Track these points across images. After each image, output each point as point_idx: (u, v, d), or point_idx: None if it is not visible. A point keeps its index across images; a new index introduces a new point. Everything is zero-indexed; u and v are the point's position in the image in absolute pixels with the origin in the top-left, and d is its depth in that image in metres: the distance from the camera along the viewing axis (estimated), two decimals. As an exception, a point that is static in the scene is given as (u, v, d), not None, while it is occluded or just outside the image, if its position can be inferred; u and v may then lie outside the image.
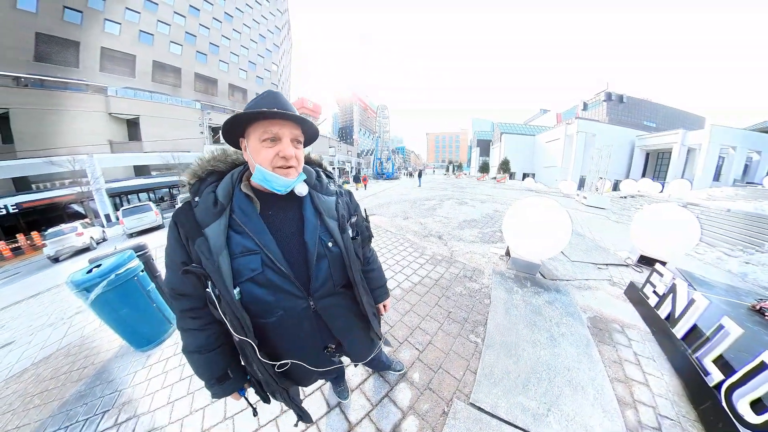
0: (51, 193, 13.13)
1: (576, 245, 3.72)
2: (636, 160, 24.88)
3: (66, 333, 2.83)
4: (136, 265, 2.08)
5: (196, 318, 0.68)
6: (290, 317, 0.68)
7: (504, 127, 38.04)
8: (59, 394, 1.86)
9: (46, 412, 1.72)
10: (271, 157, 0.61)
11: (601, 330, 1.88)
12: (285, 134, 0.62)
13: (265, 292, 0.63)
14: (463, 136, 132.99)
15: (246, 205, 0.65)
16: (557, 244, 2.52)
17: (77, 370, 2.12)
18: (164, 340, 2.17)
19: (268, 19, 33.88)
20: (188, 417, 1.41)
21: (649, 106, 55.56)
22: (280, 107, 0.60)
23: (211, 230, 0.60)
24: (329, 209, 0.74)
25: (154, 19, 21.01)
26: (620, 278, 2.77)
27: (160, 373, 1.80)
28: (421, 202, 8.14)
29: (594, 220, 5.95)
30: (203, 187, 0.66)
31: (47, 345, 2.70)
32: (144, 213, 9.67)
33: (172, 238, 0.65)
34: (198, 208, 0.62)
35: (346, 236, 0.76)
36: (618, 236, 4.53)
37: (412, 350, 1.68)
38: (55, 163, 12.17)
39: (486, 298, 2.25)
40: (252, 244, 0.62)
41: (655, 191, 11.71)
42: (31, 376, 2.23)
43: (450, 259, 3.17)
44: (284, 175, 0.63)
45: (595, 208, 8.06)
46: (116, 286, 1.88)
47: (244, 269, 0.61)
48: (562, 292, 2.32)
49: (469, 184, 17.99)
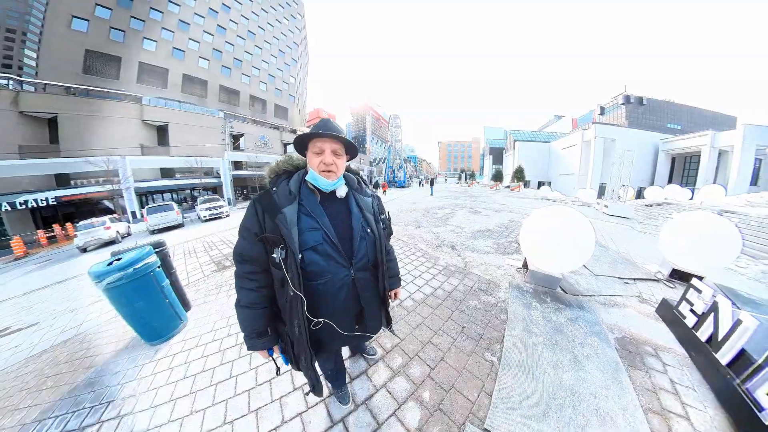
0: (86, 189, 14.57)
1: (599, 258, 3.51)
2: (661, 165, 23.48)
3: (84, 320, 3.01)
4: (154, 260, 2.17)
5: (253, 280, 0.89)
6: (335, 282, 0.88)
7: (517, 135, 37.45)
8: (70, 379, 1.95)
9: (57, 395, 1.79)
10: (317, 164, 0.87)
11: (631, 353, 1.72)
12: (327, 148, 0.86)
13: (320, 259, 0.85)
14: (475, 145, 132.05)
15: (310, 196, 0.90)
16: (579, 257, 2.37)
17: (90, 357, 2.22)
18: (173, 335, 2.23)
19: (287, 35, 36.60)
20: (188, 417, 1.41)
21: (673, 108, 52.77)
22: (326, 130, 0.84)
23: (287, 210, 0.82)
24: (368, 206, 1.01)
25: (185, 37, 23.96)
26: (650, 294, 2.56)
27: (165, 369, 1.85)
28: (433, 210, 8.06)
29: (617, 231, 5.61)
30: (280, 180, 0.92)
31: (66, 330, 2.87)
32: (166, 212, 10.39)
33: (251, 214, 0.87)
34: (276, 194, 0.87)
35: (379, 226, 1.03)
36: (645, 248, 4.24)
37: (423, 366, 1.61)
38: (92, 162, 13.51)
39: (502, 313, 2.14)
40: (315, 223, 0.86)
41: (685, 198, 10.95)
42: (48, 358, 2.37)
43: (464, 271, 3.07)
44: (326, 177, 0.88)
45: (618, 217, 7.62)
46: (133, 279, 1.97)
47: (309, 240, 0.84)
48: (585, 309, 2.17)
49: (482, 193, 17.68)
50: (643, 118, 49.36)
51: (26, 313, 3.73)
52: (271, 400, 1.44)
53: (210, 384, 1.62)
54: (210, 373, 1.72)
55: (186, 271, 4.11)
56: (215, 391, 1.56)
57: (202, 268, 4.21)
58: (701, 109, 55.18)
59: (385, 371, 1.59)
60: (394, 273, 1.22)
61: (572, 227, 2.38)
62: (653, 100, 50.04)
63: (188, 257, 4.97)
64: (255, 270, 0.89)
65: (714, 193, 10.09)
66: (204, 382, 1.65)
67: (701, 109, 55.18)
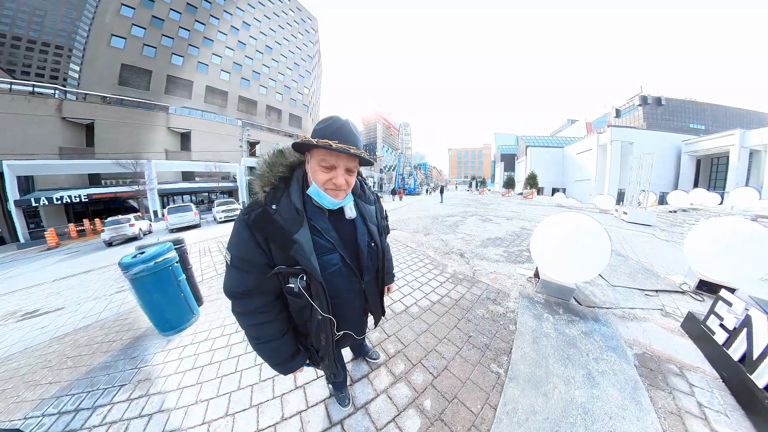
0: (115, 188, 15.93)
1: (617, 267, 3.32)
2: (685, 168, 21.84)
3: (105, 308, 3.21)
4: (173, 256, 2.29)
5: (267, 311, 0.79)
6: (351, 296, 0.88)
7: (529, 140, 36.75)
8: (89, 361, 2.07)
9: (75, 374, 1.91)
10: (324, 181, 0.71)
11: (653, 371, 1.59)
12: (340, 165, 0.71)
13: (340, 280, 0.82)
14: (485, 152, 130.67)
15: (318, 212, 0.78)
16: (594, 266, 2.25)
17: (107, 342, 2.35)
18: (185, 328, 2.32)
19: (301, 49, 39.11)
20: (193, 406, 1.45)
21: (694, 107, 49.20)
22: (344, 139, 0.66)
23: (300, 237, 0.71)
24: (371, 216, 0.93)
25: (209, 52, 26.27)
26: (675, 307, 2.39)
27: (175, 359, 1.91)
28: (443, 218, 7.98)
29: (638, 239, 5.30)
30: (279, 195, 0.74)
31: (88, 315, 3.07)
32: (185, 212, 11.01)
33: (250, 244, 0.72)
34: (279, 215, 0.70)
35: (383, 238, 1.00)
36: (669, 257, 3.97)
37: (425, 374, 1.56)
38: (122, 164, 14.79)
39: (511, 324, 2.06)
40: (330, 245, 0.78)
41: (713, 203, 10.22)
42: (70, 340, 2.53)
43: (472, 279, 3.00)
44: (333, 197, 0.74)
45: (639, 224, 7.23)
46: (154, 272, 2.10)
47: (327, 264, 0.78)
48: (601, 322, 2.05)
49: (493, 200, 17.36)
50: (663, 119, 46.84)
51: (54, 297, 4.03)
52: (273, 396, 1.46)
53: (216, 376, 1.67)
54: (216, 366, 1.76)
55: (200, 268, 4.26)
56: (220, 383, 1.60)
57: (215, 266, 4.36)
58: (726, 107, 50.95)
59: (387, 376, 1.56)
60: (388, 270, 1.23)
61: (586, 234, 2.28)
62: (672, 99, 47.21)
63: (203, 256, 5.15)
64: (268, 301, 0.78)
65: (746, 196, 9.37)
66: (210, 374, 1.70)
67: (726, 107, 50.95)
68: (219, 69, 27.23)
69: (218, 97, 27.10)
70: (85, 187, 15.30)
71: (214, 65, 26.83)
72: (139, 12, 21.60)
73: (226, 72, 27.86)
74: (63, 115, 15.87)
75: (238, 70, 29.05)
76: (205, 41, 26.12)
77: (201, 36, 25.73)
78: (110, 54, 20.18)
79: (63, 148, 15.55)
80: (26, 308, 3.73)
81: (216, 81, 26.90)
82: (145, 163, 15.75)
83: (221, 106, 27.19)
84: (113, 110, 17.93)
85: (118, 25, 20.52)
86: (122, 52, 20.61)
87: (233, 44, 28.78)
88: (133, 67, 21.12)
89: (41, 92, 15.83)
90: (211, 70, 26.47)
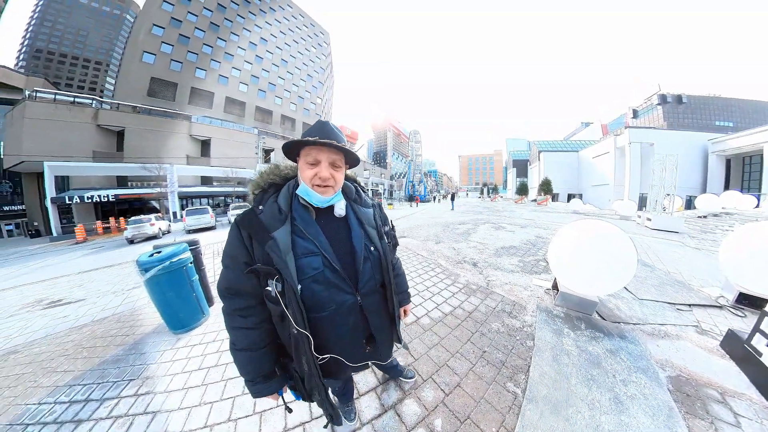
0: (140, 190, 17.45)
1: (644, 279, 3.11)
2: (713, 169, 20.31)
3: (122, 302, 3.34)
4: (187, 257, 2.36)
5: (248, 317, 0.75)
6: (340, 311, 0.76)
7: (541, 145, 35.95)
8: (102, 353, 2.15)
9: (88, 365, 1.99)
10: (311, 177, 0.73)
11: (690, 396, 1.44)
12: (323, 159, 0.73)
13: (322, 289, 0.73)
14: (497, 158, 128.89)
15: (304, 213, 0.76)
16: (619, 278, 2.11)
17: (121, 335, 2.42)
18: (194, 327, 2.37)
19: (314, 62, 41.72)
20: (196, 408, 1.45)
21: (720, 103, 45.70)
22: (324, 136, 0.72)
23: (278, 234, 0.69)
24: (369, 220, 0.87)
25: (229, 66, 28.60)
26: (712, 324, 2.19)
27: (183, 358, 1.94)
28: (454, 226, 7.86)
29: (665, 248, 4.96)
30: (266, 197, 0.77)
31: (106, 308, 3.20)
32: (202, 215, 11.57)
33: (236, 240, 0.73)
34: (263, 215, 0.72)
35: (384, 242, 0.89)
36: (701, 267, 3.69)
37: (436, 391, 1.49)
38: (147, 168, 16.21)
39: (528, 339, 1.95)
40: (312, 246, 0.73)
41: (749, 206, 9.54)
42: (87, 331, 2.63)
43: (486, 290, 2.89)
44: (321, 193, 0.74)
45: (665, 231, 6.80)
46: (169, 271, 2.16)
47: (307, 268, 0.71)
48: (628, 339, 1.90)
49: (506, 207, 16.98)
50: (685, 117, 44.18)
51: (77, 289, 4.25)
52: (277, 405, 1.43)
53: (221, 379, 1.67)
54: (222, 369, 1.77)
55: (213, 269, 4.35)
56: (225, 387, 1.60)
57: None
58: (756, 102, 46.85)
59: (395, 391, 1.49)
60: (402, 288, 1.09)
61: (609, 243, 2.15)
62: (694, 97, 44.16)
63: (216, 257, 5.28)
64: (248, 305, 0.74)
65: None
66: (216, 376, 1.71)
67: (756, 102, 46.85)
68: (238, 81, 29.34)
69: (237, 107, 29.08)
70: (113, 188, 16.86)
71: (234, 78, 28.93)
72: (168, 31, 23.81)
73: (244, 84, 29.98)
74: (98, 122, 17.67)
75: (255, 82, 31.20)
76: (226, 56, 28.29)
77: (222, 51, 27.87)
78: (141, 68, 22.41)
79: (96, 152, 17.26)
80: (51, 297, 3.96)
81: (235, 92, 28.98)
82: (167, 167, 17.05)
83: (239, 115, 29.12)
84: (142, 119, 19.71)
85: (150, 43, 22.73)
86: (152, 66, 22.86)
87: (251, 58, 31.01)
88: (160, 80, 23.29)
89: (81, 102, 17.67)
90: (230, 83, 28.57)
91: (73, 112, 16.69)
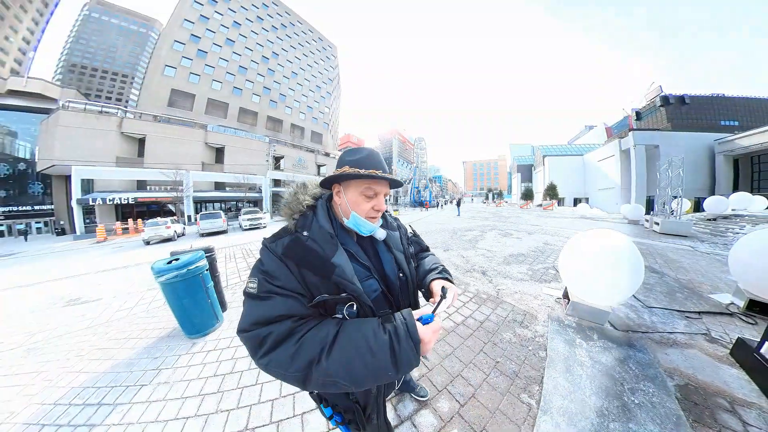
0: (158, 194, 18.32)
1: (652, 287, 3.14)
2: (721, 170, 19.53)
3: (137, 303, 3.39)
4: (203, 264, 2.42)
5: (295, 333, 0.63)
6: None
7: (546, 150, 35.79)
8: (116, 355, 2.17)
9: (102, 367, 2.00)
10: (368, 209, 0.71)
11: (698, 405, 1.48)
12: (381, 192, 0.73)
13: (377, 309, 0.69)
14: (501, 163, 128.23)
15: (346, 236, 0.75)
16: (628, 286, 2.14)
17: (135, 338, 2.44)
18: (209, 333, 2.44)
19: (323, 73, 43.96)
20: (213, 415, 1.45)
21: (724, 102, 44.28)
22: (379, 166, 0.71)
23: (338, 259, 0.64)
24: (396, 243, 0.86)
25: (243, 78, 30.54)
26: (722, 332, 2.20)
27: (198, 363, 1.95)
28: (461, 232, 7.91)
29: (674, 253, 4.91)
30: (308, 221, 0.70)
31: (121, 309, 3.24)
32: (216, 219, 12.01)
33: (283, 275, 0.62)
34: (312, 241, 0.66)
35: (411, 266, 0.89)
36: (711, 273, 3.67)
37: (451, 402, 1.50)
38: (165, 173, 17.26)
39: (541, 350, 1.99)
40: (366, 269, 0.73)
41: (760, 207, 9.18)
42: (103, 331, 2.67)
43: (496, 299, 2.94)
44: (374, 222, 0.75)
45: (673, 236, 6.70)
46: (185, 278, 2.23)
47: (369, 290, 0.70)
48: (636, 348, 1.96)
49: (511, 212, 16.90)
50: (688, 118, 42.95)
51: (95, 288, 4.31)
52: (293, 414, 1.43)
53: (237, 386, 1.68)
54: (238, 376, 1.78)
55: (225, 274, 4.43)
56: (240, 395, 1.61)
57: (239, 272, 4.53)
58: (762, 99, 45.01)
59: (411, 402, 1.52)
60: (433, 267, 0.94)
61: (620, 251, 2.18)
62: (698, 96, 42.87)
63: (228, 261, 5.36)
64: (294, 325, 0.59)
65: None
66: (231, 383, 1.72)
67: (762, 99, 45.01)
68: (251, 93, 31.30)
69: (249, 116, 30.82)
70: (133, 191, 17.97)
71: (247, 90, 30.89)
72: (187, 47, 25.77)
73: (257, 95, 31.89)
74: (122, 130, 19.10)
75: (267, 93, 33.16)
76: (240, 69, 30.33)
77: (237, 65, 29.85)
78: (163, 81, 24.28)
79: (119, 157, 18.59)
80: (72, 295, 4.04)
81: (248, 103, 30.83)
82: (184, 173, 18.29)
83: (252, 124, 30.84)
84: (162, 127, 21.17)
85: (171, 57, 24.65)
86: (172, 79, 24.74)
87: (264, 71, 33.19)
88: (180, 92, 25.10)
89: (107, 111, 19.11)
90: (244, 94, 30.50)
91: (100, 120, 18.07)
